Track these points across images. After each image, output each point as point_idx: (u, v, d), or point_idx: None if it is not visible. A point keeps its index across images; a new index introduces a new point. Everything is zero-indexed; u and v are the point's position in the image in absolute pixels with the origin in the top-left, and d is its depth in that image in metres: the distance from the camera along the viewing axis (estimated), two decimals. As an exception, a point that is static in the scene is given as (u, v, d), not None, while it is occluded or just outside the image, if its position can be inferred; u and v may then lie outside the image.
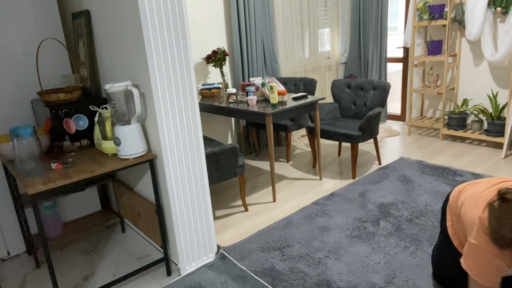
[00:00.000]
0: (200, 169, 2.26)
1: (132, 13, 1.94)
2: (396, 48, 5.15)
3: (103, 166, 1.99)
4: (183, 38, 2.05)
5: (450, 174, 3.33)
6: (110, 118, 2.13)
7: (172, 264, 2.37)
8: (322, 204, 3.00)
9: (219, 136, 4.11)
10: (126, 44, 2.10)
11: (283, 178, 3.63)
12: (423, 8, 4.15)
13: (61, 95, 2.30)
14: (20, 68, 2.46)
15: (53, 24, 2.56)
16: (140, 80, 2.08)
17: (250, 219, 2.91)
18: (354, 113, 3.87)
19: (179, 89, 2.09)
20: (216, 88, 3.58)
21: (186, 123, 2.15)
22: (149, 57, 1.94)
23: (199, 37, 3.73)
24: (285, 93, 3.21)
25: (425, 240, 2.42)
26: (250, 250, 2.47)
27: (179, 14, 2.01)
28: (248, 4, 3.81)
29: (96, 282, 2.31)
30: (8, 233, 2.60)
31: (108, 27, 2.25)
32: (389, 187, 3.19)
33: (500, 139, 3.77)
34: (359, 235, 2.54)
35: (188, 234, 2.28)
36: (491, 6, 3.74)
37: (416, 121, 4.57)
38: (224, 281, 2.20)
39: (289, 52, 4.43)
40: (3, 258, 2.62)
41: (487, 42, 3.84)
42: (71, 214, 2.79)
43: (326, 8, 4.78)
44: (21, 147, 1.90)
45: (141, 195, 2.44)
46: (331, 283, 2.10)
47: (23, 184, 1.82)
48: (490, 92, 4.08)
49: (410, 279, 2.09)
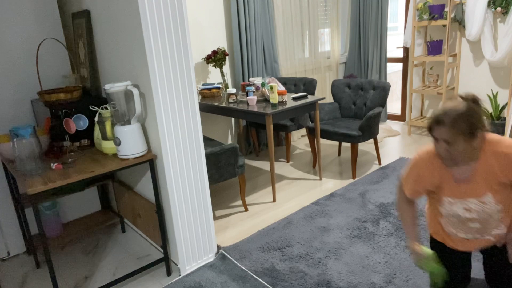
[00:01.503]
0: (200, 169, 2.26)
1: (132, 13, 1.94)
2: (396, 48, 5.15)
3: (103, 166, 1.99)
4: (183, 38, 2.05)
5: (450, 174, 3.33)
6: (110, 118, 2.13)
7: (172, 264, 2.37)
8: (322, 204, 3.00)
9: (219, 136, 4.11)
10: (126, 44, 2.10)
11: (283, 178, 3.63)
12: (423, 8, 4.15)
13: (61, 95, 2.30)
14: (20, 68, 2.46)
15: (53, 24, 2.55)
16: (140, 80, 2.08)
17: (250, 219, 2.91)
18: (354, 113, 3.87)
19: (179, 89, 2.09)
20: (216, 88, 3.58)
21: (186, 123, 2.15)
22: (149, 57, 1.94)
23: (199, 37, 3.73)
24: (285, 93, 3.21)
25: (425, 240, 2.42)
26: (250, 250, 2.47)
27: (179, 14, 2.01)
28: (248, 4, 3.81)
29: (96, 282, 2.31)
30: (8, 233, 2.60)
31: (108, 27, 2.25)
32: (389, 187, 3.19)
33: (500, 139, 3.77)
34: (359, 235, 2.54)
35: (188, 234, 2.28)
36: (491, 6, 3.74)
37: (416, 121, 4.57)
38: (224, 281, 2.20)
39: (289, 52, 4.43)
40: (3, 258, 2.62)
41: (487, 42, 3.84)
42: (71, 214, 2.79)
43: (326, 8, 4.78)
44: (21, 147, 1.90)
45: (141, 195, 2.44)
46: (331, 283, 2.10)
47: (23, 184, 1.82)
48: (490, 92, 4.08)
49: (410, 279, 2.09)
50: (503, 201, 1.56)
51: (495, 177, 1.50)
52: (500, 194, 1.54)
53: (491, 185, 1.52)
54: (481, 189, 1.55)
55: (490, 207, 1.56)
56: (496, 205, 1.55)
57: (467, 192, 1.57)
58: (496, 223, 1.60)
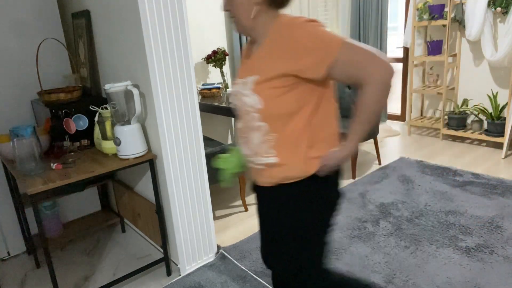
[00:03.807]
0: (200, 169, 2.26)
1: (132, 13, 1.94)
2: (396, 48, 5.15)
3: (103, 166, 1.99)
4: (183, 38, 2.05)
5: (450, 174, 3.33)
6: (110, 118, 2.13)
7: (172, 264, 2.37)
8: (322, 204, 3.00)
9: (219, 136, 4.11)
10: (126, 44, 2.10)
11: (283, 178, 3.63)
12: (423, 8, 4.15)
13: (61, 95, 2.30)
14: (20, 68, 2.46)
15: (53, 24, 2.55)
16: (140, 80, 2.08)
17: (250, 219, 2.91)
18: (354, 113, 3.87)
19: (179, 89, 2.09)
20: (216, 88, 3.58)
21: (186, 123, 2.15)
22: (149, 57, 1.94)
23: (199, 37, 3.73)
24: (285, 93, 3.20)
25: (425, 240, 2.42)
26: (250, 250, 2.47)
27: (179, 14, 2.01)
28: (248, 4, 3.81)
29: (96, 282, 2.31)
30: (8, 233, 2.60)
31: (108, 27, 2.25)
32: (389, 187, 3.19)
33: (500, 139, 3.77)
34: (359, 235, 2.54)
35: (188, 234, 2.28)
36: (491, 6, 3.74)
37: (416, 121, 4.57)
38: (224, 281, 2.20)
39: (289, 52, 4.43)
40: (3, 258, 2.62)
41: (487, 42, 3.84)
42: (71, 214, 2.79)
43: (326, 8, 4.78)
44: (21, 147, 1.90)
45: (141, 195, 2.44)
46: (331, 283, 2.10)
47: (23, 184, 1.82)
48: (490, 92, 4.08)
49: (410, 279, 2.09)
50: (269, 111, 1.17)
51: (274, 63, 1.15)
52: (269, 98, 1.15)
53: (266, 71, 1.15)
54: (253, 68, 1.19)
55: (248, 102, 1.19)
56: (255, 104, 1.17)
57: (242, 70, 1.26)
58: (260, 144, 1.22)
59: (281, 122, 1.18)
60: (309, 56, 1.10)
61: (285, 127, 1.19)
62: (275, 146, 1.21)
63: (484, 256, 2.22)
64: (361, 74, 1.12)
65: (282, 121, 1.18)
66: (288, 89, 1.15)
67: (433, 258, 2.25)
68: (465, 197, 2.91)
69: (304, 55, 1.10)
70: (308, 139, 1.20)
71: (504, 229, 2.47)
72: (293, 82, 1.14)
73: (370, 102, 1.15)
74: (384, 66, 1.11)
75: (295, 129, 1.19)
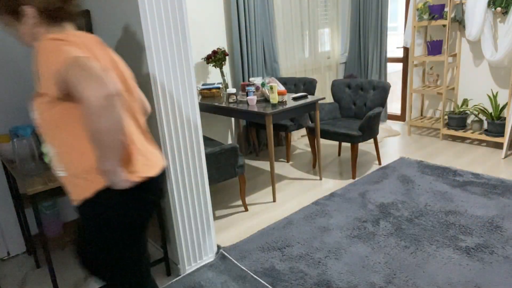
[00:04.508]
0: (200, 169, 2.26)
1: (132, 13, 1.94)
2: (396, 48, 5.15)
3: (103, 166, 1.99)
4: (183, 38, 2.05)
5: (450, 174, 3.33)
6: (110, 118, 2.13)
7: (172, 264, 2.37)
8: (322, 204, 3.00)
9: (219, 136, 4.11)
10: (126, 44, 2.10)
11: (283, 178, 3.63)
12: (423, 8, 4.15)
13: (61, 95, 2.29)
14: (20, 68, 2.46)
15: (53, 24, 2.55)
16: (140, 79, 2.08)
17: (250, 219, 2.91)
18: (354, 113, 3.87)
19: (179, 89, 2.09)
20: (216, 88, 3.58)
21: (186, 123, 2.15)
22: (149, 56, 1.94)
23: (199, 37, 3.73)
24: (285, 93, 3.21)
25: (425, 240, 2.42)
26: (250, 250, 2.47)
27: (179, 14, 2.01)
28: (248, 4, 3.81)
29: (96, 282, 2.31)
30: (8, 233, 2.60)
31: (108, 27, 2.25)
32: (389, 187, 3.19)
33: (500, 139, 3.77)
34: (359, 235, 2.54)
35: (188, 234, 2.28)
36: (491, 6, 3.74)
37: (416, 121, 4.57)
38: (224, 281, 2.20)
39: (289, 52, 4.43)
40: (3, 258, 2.62)
41: (487, 42, 3.84)
42: (71, 214, 2.79)
43: (326, 8, 4.78)
44: (21, 147, 1.90)
45: (141, 195, 2.44)
46: (331, 283, 2.10)
47: (23, 184, 1.82)
48: (490, 92, 4.08)
49: (410, 279, 2.09)
50: (47, 125, 1.22)
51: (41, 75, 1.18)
52: (43, 110, 1.20)
53: (41, 84, 1.19)
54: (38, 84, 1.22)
55: (35, 116, 1.25)
56: (37, 116, 1.23)
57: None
58: (53, 157, 1.29)
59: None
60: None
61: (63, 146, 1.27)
62: (60, 159, 1.29)
63: (484, 256, 2.22)
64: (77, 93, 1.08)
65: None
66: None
67: (433, 258, 2.25)
68: (465, 197, 2.91)
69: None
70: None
71: (504, 229, 2.47)
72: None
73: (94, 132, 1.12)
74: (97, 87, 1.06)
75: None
